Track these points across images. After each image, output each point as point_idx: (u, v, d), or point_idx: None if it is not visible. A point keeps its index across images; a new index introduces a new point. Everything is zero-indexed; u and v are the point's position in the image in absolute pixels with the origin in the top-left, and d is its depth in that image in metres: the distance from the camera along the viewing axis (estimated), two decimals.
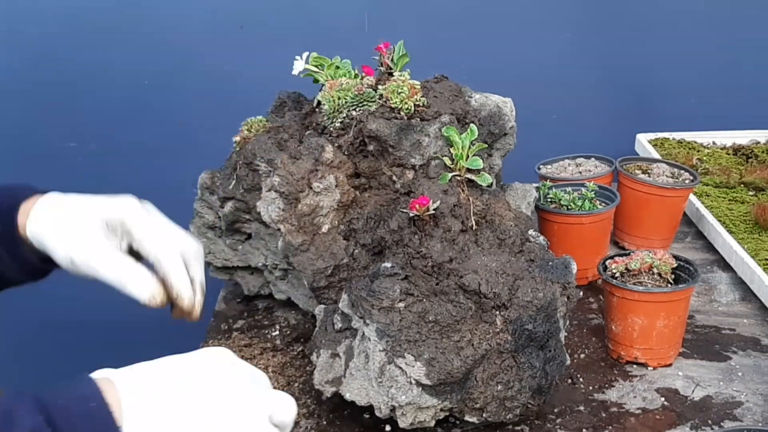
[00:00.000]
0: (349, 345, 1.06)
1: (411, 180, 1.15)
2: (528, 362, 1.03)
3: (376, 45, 1.24)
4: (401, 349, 0.99)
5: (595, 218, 1.37)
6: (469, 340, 1.01)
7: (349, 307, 1.05)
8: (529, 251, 1.10)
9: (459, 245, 1.06)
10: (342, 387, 1.04)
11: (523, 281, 1.04)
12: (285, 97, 1.34)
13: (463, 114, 1.19)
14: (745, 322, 1.33)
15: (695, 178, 1.50)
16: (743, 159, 1.84)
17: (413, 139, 1.14)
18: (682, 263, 1.23)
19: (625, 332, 1.20)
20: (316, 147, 1.16)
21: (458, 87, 1.23)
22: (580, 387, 1.17)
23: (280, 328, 1.32)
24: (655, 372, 1.20)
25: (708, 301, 1.39)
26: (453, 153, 1.14)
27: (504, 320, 1.02)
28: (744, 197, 1.66)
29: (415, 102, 1.17)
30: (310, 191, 1.15)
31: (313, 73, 1.25)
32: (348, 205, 1.17)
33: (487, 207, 1.13)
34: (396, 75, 1.21)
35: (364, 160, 1.19)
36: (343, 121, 1.19)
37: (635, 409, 1.12)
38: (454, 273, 1.04)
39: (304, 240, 1.15)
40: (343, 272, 1.15)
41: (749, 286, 1.39)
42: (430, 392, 1.00)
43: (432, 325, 1.00)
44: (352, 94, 1.18)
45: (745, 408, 1.11)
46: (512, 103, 1.25)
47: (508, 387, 1.01)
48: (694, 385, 1.17)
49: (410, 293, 1.02)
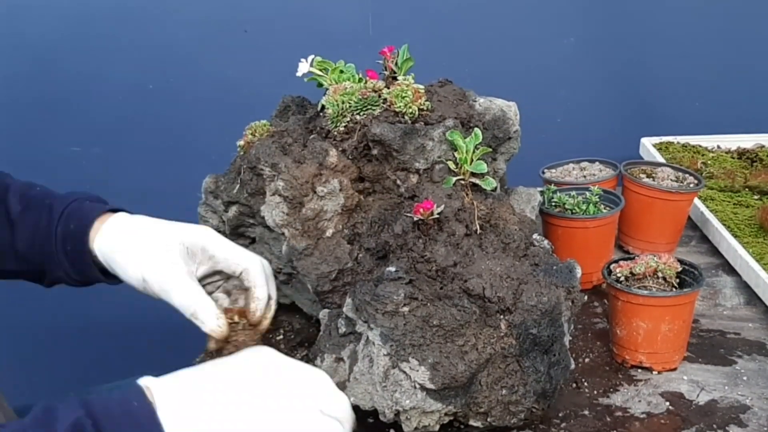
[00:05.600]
0: (354, 349, 1.06)
1: (415, 184, 1.15)
2: (532, 366, 1.02)
3: (381, 49, 1.24)
4: (405, 353, 0.99)
5: (599, 222, 1.37)
6: (473, 344, 1.00)
7: (354, 311, 1.05)
8: (533, 255, 1.10)
9: (463, 249, 1.06)
10: (346, 391, 1.04)
11: (527, 285, 1.04)
12: (289, 101, 1.34)
13: (468, 118, 1.19)
14: (750, 326, 1.32)
15: (700, 182, 1.50)
16: (748, 163, 1.84)
17: (417, 143, 1.14)
18: (687, 267, 1.22)
19: (629, 336, 1.20)
20: (320, 151, 1.16)
21: (462, 91, 1.23)
22: (584, 391, 1.17)
23: (284, 332, 1.32)
24: (660, 376, 1.20)
25: (713, 305, 1.39)
26: (457, 157, 1.13)
27: (508, 324, 1.02)
28: (749, 201, 1.66)
29: (419, 106, 1.17)
30: (314, 195, 1.15)
31: (317, 77, 1.25)
32: (352, 210, 1.17)
33: (492, 211, 1.13)
34: (400, 79, 1.21)
35: (368, 164, 1.19)
36: (347, 125, 1.19)
37: (640, 414, 1.12)
38: (458, 277, 1.04)
39: (308, 244, 1.15)
40: (347, 276, 1.15)
41: (754, 290, 1.38)
42: (435, 396, 1.00)
43: (436, 329, 1.00)
44: (356, 98, 1.18)
45: (750, 412, 1.11)
46: (516, 107, 1.25)
47: (512, 391, 1.01)
48: (699, 389, 1.17)
49: (414, 297, 1.02)
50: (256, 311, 1.05)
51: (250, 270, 1.05)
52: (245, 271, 1.05)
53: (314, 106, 1.29)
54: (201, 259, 1.05)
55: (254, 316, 1.05)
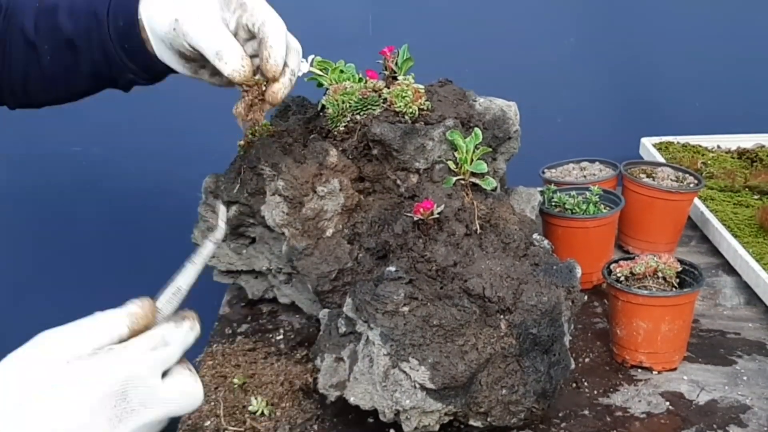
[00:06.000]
0: (353, 349, 1.06)
1: (415, 184, 1.15)
2: (533, 366, 1.02)
3: (381, 49, 1.24)
4: (405, 353, 0.99)
5: (599, 222, 1.37)
6: (473, 344, 1.00)
7: (354, 311, 1.05)
8: (533, 255, 1.10)
9: (463, 249, 1.06)
10: (346, 391, 1.04)
11: (527, 285, 1.04)
12: (289, 101, 1.34)
13: (468, 118, 1.19)
14: (750, 326, 1.32)
15: (700, 181, 1.50)
16: (748, 163, 1.83)
17: (417, 143, 1.14)
18: (687, 267, 1.22)
19: (629, 336, 1.20)
20: (321, 151, 1.16)
21: (462, 91, 1.23)
22: (584, 391, 1.17)
23: (284, 332, 1.32)
24: (660, 376, 1.20)
25: (713, 305, 1.39)
26: (457, 157, 1.14)
27: (508, 324, 1.02)
28: (749, 201, 1.66)
29: (419, 106, 1.17)
30: (315, 195, 1.15)
31: (317, 76, 1.25)
32: (352, 209, 1.17)
33: (492, 211, 1.13)
34: (400, 79, 1.21)
35: (369, 164, 1.19)
36: (347, 125, 1.19)
37: (640, 414, 1.12)
38: (458, 277, 1.04)
39: (309, 244, 1.15)
40: (348, 276, 1.15)
41: (754, 290, 1.38)
42: (435, 396, 1.00)
43: (436, 329, 1.00)
44: (356, 98, 1.18)
45: (750, 412, 1.11)
46: (516, 107, 1.25)
47: (512, 391, 1.01)
48: (699, 389, 1.17)
49: (414, 297, 1.02)
50: (269, 59, 1.02)
51: (267, 22, 1.03)
52: (263, 23, 1.03)
53: (314, 106, 1.29)
54: (235, 6, 1.04)
55: (267, 64, 1.03)
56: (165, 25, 1.04)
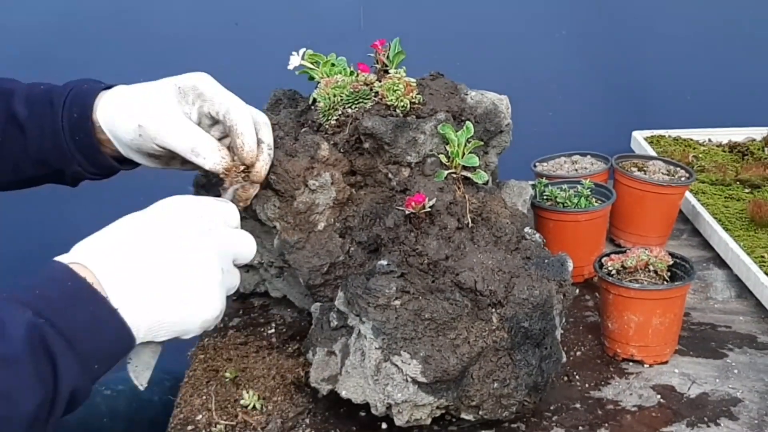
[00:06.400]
0: (345, 343, 1.06)
1: (407, 177, 1.15)
2: (524, 360, 1.02)
3: (372, 42, 1.23)
4: (397, 346, 0.99)
5: (591, 216, 1.37)
6: (465, 337, 1.00)
7: (345, 304, 1.05)
8: (525, 249, 1.10)
9: (455, 243, 1.06)
10: (338, 385, 1.04)
11: (519, 279, 1.04)
12: (280, 94, 1.34)
13: (459, 111, 1.19)
14: (741, 319, 1.33)
15: (691, 175, 1.50)
16: (739, 156, 1.84)
17: (409, 136, 1.14)
18: (678, 260, 1.23)
19: (621, 330, 1.20)
20: (312, 144, 1.16)
21: (454, 84, 1.23)
22: (576, 384, 1.17)
23: (275, 326, 1.31)
24: (651, 369, 1.20)
25: (704, 299, 1.39)
26: (449, 150, 1.13)
27: (500, 318, 1.02)
28: (740, 194, 1.67)
29: (410, 99, 1.16)
30: (306, 189, 1.14)
31: (308, 70, 1.25)
32: (344, 203, 1.17)
33: (483, 204, 1.13)
34: (392, 72, 1.20)
35: (360, 158, 1.19)
36: (338, 119, 1.19)
37: (631, 407, 1.12)
38: (450, 270, 1.04)
39: (300, 238, 1.15)
40: (339, 270, 1.14)
41: (745, 283, 1.39)
42: (426, 390, 1.00)
43: (428, 322, 1.00)
44: (347, 92, 1.18)
45: (741, 405, 1.12)
46: (508, 101, 1.24)
47: (504, 384, 1.01)
48: (690, 382, 1.17)
49: (406, 291, 1.02)
50: (243, 147, 1.03)
51: (232, 110, 1.03)
52: (227, 111, 1.03)
53: (305, 100, 1.29)
54: (192, 98, 1.04)
55: (243, 152, 1.03)
56: (129, 132, 1.04)
